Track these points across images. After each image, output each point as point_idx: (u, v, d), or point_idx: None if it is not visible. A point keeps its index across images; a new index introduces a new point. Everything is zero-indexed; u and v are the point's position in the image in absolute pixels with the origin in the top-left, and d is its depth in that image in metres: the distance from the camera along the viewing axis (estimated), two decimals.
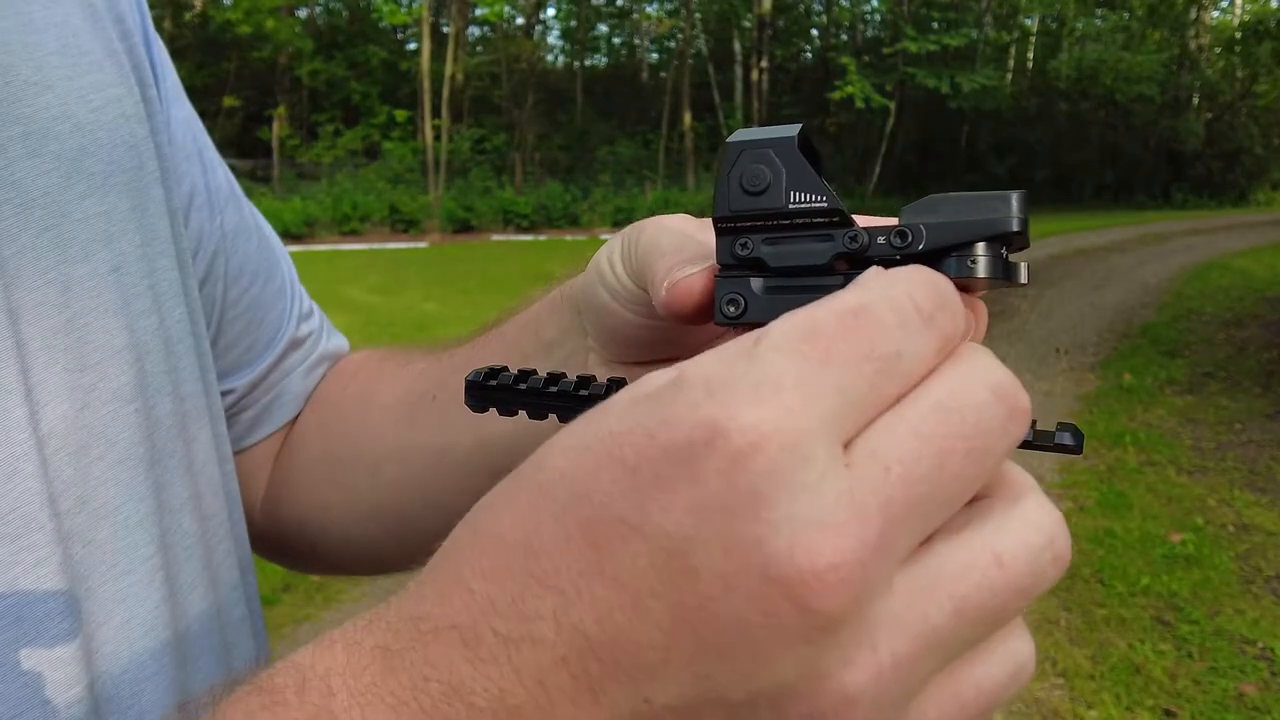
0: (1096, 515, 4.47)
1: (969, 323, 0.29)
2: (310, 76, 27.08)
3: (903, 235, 0.33)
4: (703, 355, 0.27)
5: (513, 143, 27.64)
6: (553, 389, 0.38)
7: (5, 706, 0.41)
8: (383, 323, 9.09)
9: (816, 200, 0.34)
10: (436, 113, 25.11)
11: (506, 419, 0.39)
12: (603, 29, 34.32)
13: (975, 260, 0.33)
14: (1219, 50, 34.60)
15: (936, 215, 0.33)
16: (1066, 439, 0.31)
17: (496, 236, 20.22)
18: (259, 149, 25.35)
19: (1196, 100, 34.06)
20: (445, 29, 28.17)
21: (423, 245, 18.08)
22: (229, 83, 25.36)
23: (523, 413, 0.39)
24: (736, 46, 30.00)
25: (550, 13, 33.96)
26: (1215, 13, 35.03)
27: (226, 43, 25.03)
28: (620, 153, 28.09)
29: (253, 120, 26.27)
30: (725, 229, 0.36)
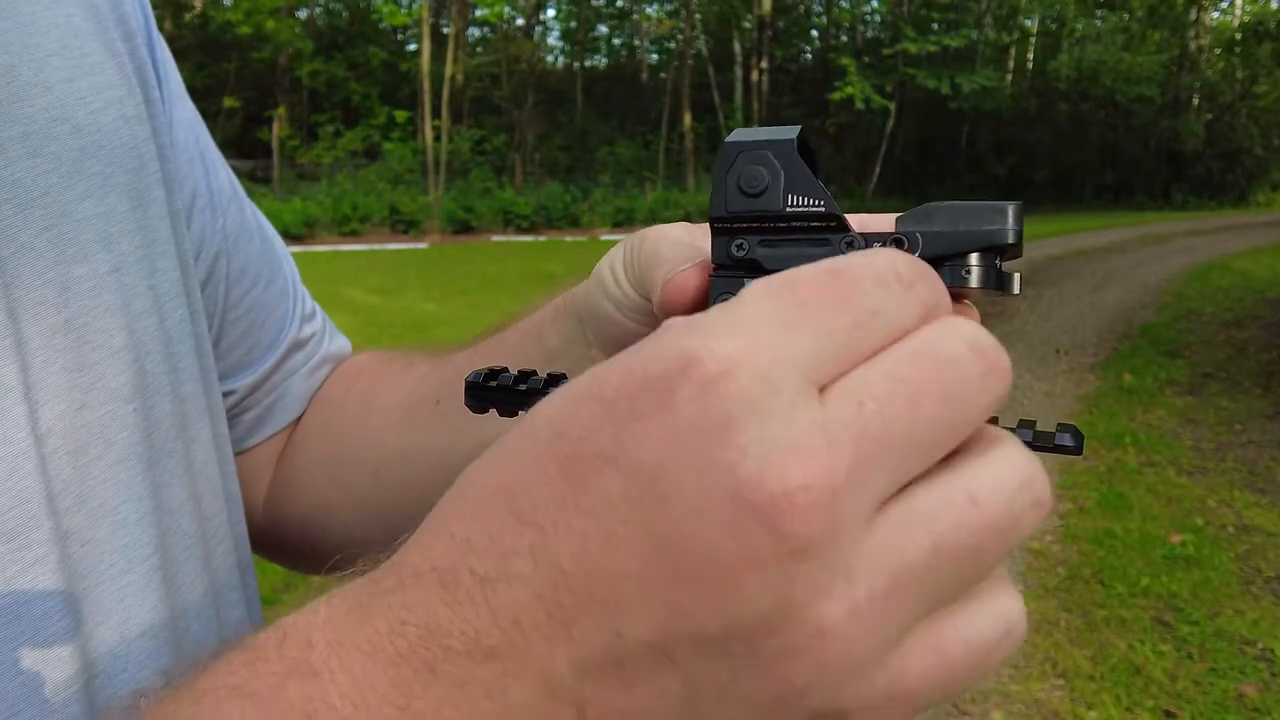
0: (1096, 516, 4.47)
1: (949, 303, 0.28)
2: (310, 77, 27.07)
3: (899, 243, 0.34)
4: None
5: (513, 143, 27.64)
6: (553, 390, 0.39)
7: (2, 705, 0.41)
8: (383, 323, 9.08)
9: (814, 204, 0.34)
10: (436, 113, 25.11)
11: (509, 423, 0.40)
12: (603, 30, 34.35)
13: (969, 270, 0.33)
14: (1219, 51, 34.61)
15: (933, 224, 0.33)
16: (1066, 440, 0.31)
17: (496, 237, 20.21)
18: (259, 149, 25.34)
19: (1196, 101, 34.07)
20: (445, 30, 28.18)
21: (423, 246, 18.07)
22: (229, 83, 25.36)
23: (523, 413, 0.40)
24: (736, 47, 30.00)
25: (550, 13, 34.02)
26: (1215, 13, 35.05)
27: (226, 43, 25.03)
28: (620, 153, 28.09)
29: (253, 121, 26.26)
30: (721, 229, 0.36)
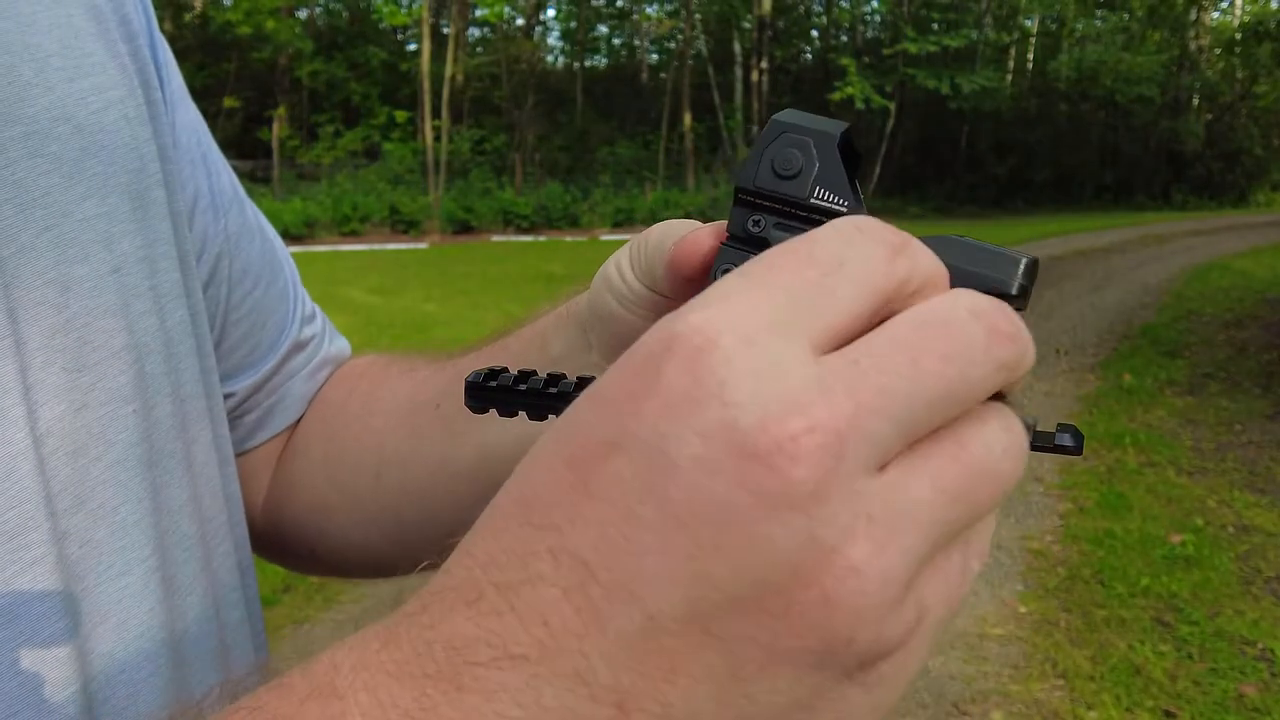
0: (1096, 516, 4.47)
1: (940, 266, 0.29)
2: (310, 77, 27.06)
3: None
4: None
5: (513, 143, 27.64)
6: (552, 390, 0.38)
7: (1, 705, 0.41)
8: (383, 323, 9.08)
9: (838, 202, 0.34)
10: (436, 113, 25.10)
11: (509, 429, 0.39)
12: (603, 30, 34.34)
13: None
14: (1219, 51, 34.60)
15: (946, 254, 0.33)
16: (1066, 440, 0.31)
17: (496, 237, 20.20)
18: (259, 150, 25.33)
19: (1196, 101, 34.06)
20: (445, 30, 28.17)
21: (423, 246, 18.07)
22: (229, 83, 25.35)
23: (523, 414, 0.39)
24: (736, 47, 29.98)
25: (550, 14, 34.01)
26: (1215, 14, 35.05)
27: (227, 43, 25.02)
28: (620, 153, 28.08)
29: (253, 121, 26.26)
30: (744, 201, 0.36)
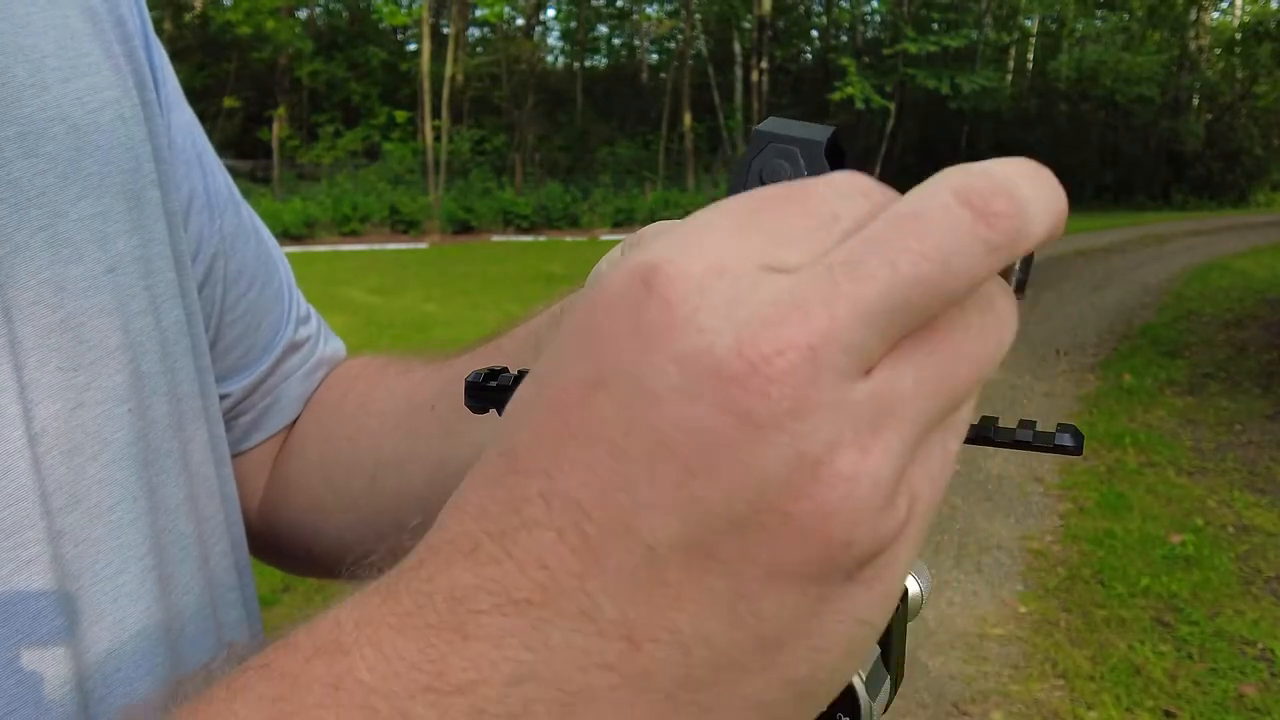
0: (1096, 516, 4.47)
1: None
2: (310, 77, 27.09)
3: None
4: None
5: (513, 143, 27.65)
6: None
7: None
8: (382, 323, 9.09)
9: None
10: (436, 113, 25.12)
11: None
12: (603, 30, 34.38)
13: None
14: (1219, 51, 34.63)
15: None
16: (1066, 440, 0.31)
17: (496, 237, 20.21)
18: (259, 150, 25.34)
19: (1196, 101, 34.08)
20: (445, 30, 28.20)
21: (423, 246, 18.08)
22: (229, 83, 25.37)
23: None
24: (736, 47, 30.02)
25: (550, 13, 34.03)
26: (1215, 14, 35.06)
27: (226, 43, 25.04)
28: (620, 153, 28.10)
29: (253, 121, 26.28)
30: None
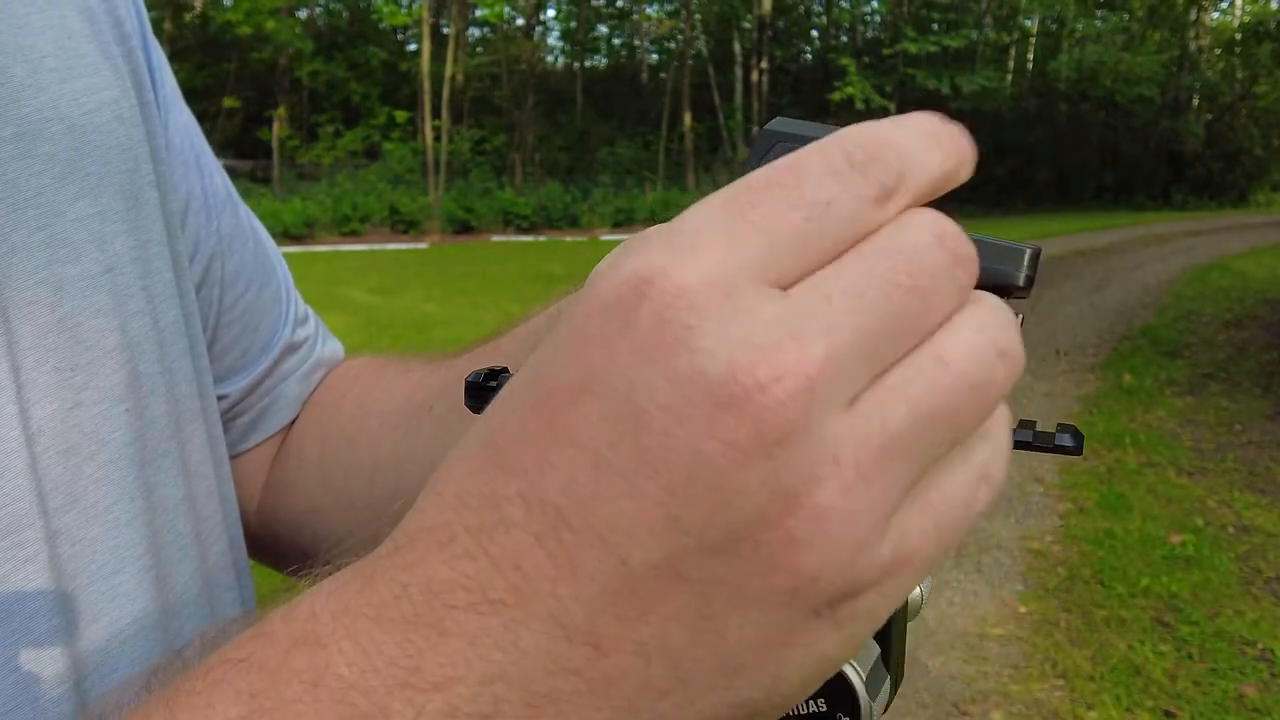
0: (1096, 516, 4.47)
1: (920, 183, 0.27)
2: (310, 77, 27.09)
3: None
4: None
5: (513, 144, 27.66)
6: None
7: None
8: (382, 323, 9.09)
9: None
10: (436, 114, 25.12)
11: None
12: (603, 30, 34.39)
13: None
14: (1219, 51, 34.64)
15: None
16: (1066, 440, 0.31)
17: (496, 237, 20.21)
18: (259, 150, 25.32)
19: (1196, 101, 34.09)
20: (445, 30, 28.21)
21: (423, 246, 18.08)
22: (229, 83, 25.37)
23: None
24: (736, 47, 30.02)
25: (550, 14, 34.05)
26: (1215, 14, 35.07)
27: (226, 43, 25.04)
28: (620, 153, 28.10)
29: (253, 121, 26.27)
30: None
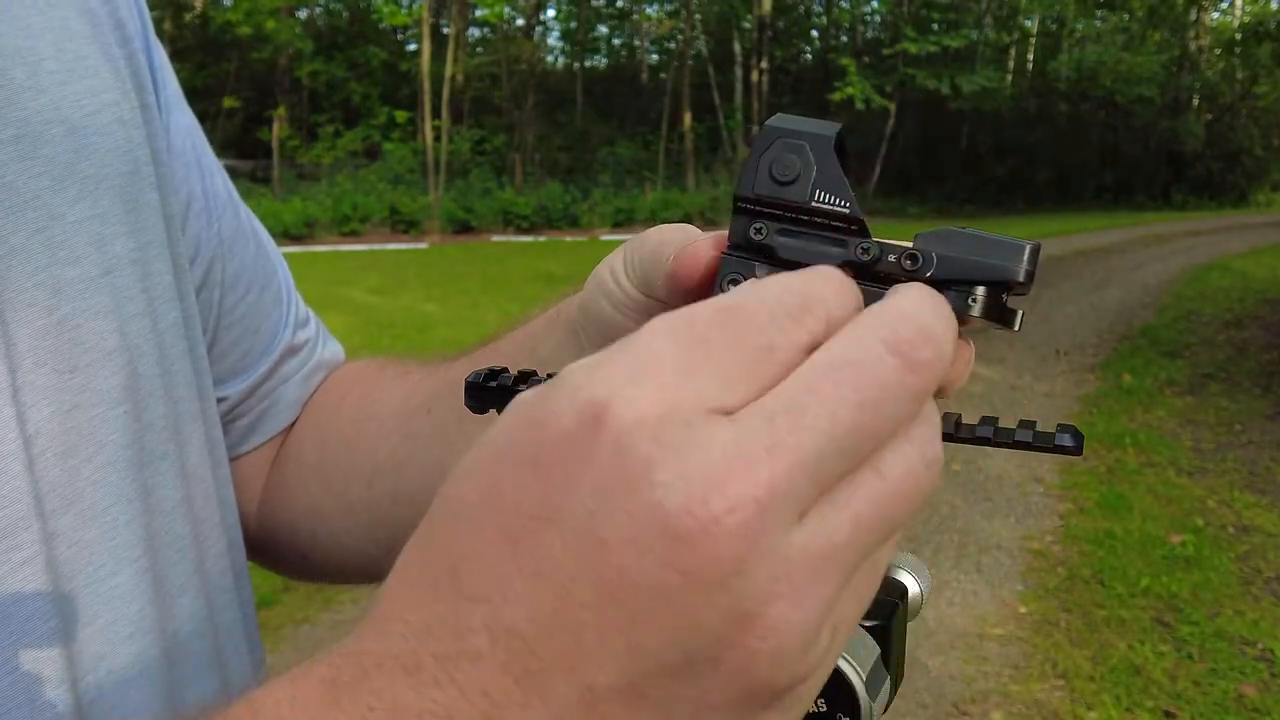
0: (1096, 516, 4.47)
1: (856, 307, 0.29)
2: (310, 77, 27.05)
3: (913, 259, 0.34)
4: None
5: (513, 144, 27.63)
6: None
7: None
8: (383, 323, 9.08)
9: (839, 204, 0.34)
10: (436, 114, 25.09)
11: None
12: (603, 30, 34.35)
13: (974, 300, 0.33)
14: (1219, 51, 34.61)
15: (949, 248, 0.33)
16: (1066, 440, 0.32)
17: (496, 237, 20.18)
18: (259, 150, 25.30)
19: (1196, 101, 34.05)
20: (445, 30, 28.18)
21: (423, 246, 18.06)
22: (229, 83, 25.34)
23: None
24: (736, 47, 29.98)
25: (550, 14, 34.01)
26: (1215, 14, 35.06)
27: (227, 44, 25.01)
28: (620, 153, 28.06)
29: (253, 121, 26.24)
30: (744, 210, 0.36)
